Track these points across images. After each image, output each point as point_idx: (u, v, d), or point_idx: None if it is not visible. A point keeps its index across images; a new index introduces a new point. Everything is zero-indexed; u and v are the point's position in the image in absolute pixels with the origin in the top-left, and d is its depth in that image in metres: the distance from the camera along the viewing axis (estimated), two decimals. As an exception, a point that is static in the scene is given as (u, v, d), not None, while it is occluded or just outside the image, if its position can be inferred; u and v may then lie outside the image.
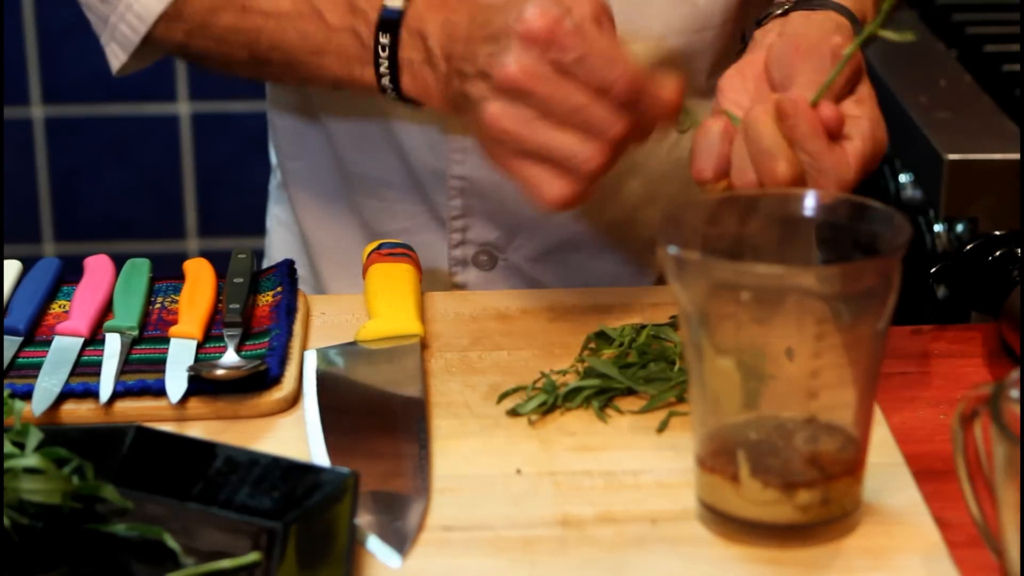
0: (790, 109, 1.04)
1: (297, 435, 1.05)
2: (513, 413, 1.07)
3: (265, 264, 1.46)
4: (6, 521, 0.91)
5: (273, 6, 1.20)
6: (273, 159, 1.48)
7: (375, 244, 1.26)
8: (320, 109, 1.36)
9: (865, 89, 1.10)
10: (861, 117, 1.07)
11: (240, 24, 1.21)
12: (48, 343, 1.14)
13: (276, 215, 1.49)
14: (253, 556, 0.91)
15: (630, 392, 1.09)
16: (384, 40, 1.14)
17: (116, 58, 1.28)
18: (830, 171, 1.04)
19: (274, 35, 1.20)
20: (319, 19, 1.18)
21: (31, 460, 0.92)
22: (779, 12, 1.15)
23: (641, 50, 1.26)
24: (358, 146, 1.35)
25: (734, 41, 1.32)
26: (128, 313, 1.16)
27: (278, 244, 1.48)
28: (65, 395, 1.07)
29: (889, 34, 1.04)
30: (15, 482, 0.92)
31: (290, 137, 1.40)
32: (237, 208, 2.71)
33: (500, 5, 1.08)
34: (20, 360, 1.12)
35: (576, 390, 1.08)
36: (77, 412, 1.06)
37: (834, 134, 1.05)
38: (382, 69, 1.14)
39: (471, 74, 1.07)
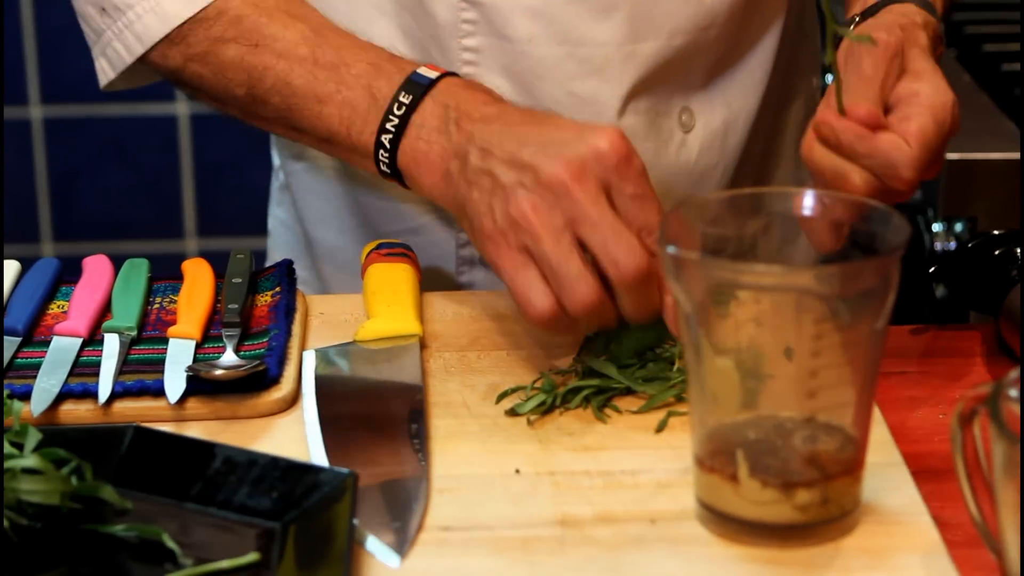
0: (825, 130, 1.04)
1: (296, 435, 1.05)
2: (512, 413, 1.07)
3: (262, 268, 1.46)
4: (4, 522, 0.91)
5: (289, 50, 1.19)
6: (275, 160, 1.48)
7: (374, 244, 1.26)
8: None
9: (919, 64, 1.10)
10: (918, 93, 1.07)
11: (247, 60, 1.20)
12: (47, 343, 1.14)
13: (278, 216, 1.49)
14: (252, 556, 0.91)
15: (629, 392, 1.08)
16: (404, 99, 1.13)
17: (104, 74, 1.26)
18: (893, 160, 1.04)
19: (281, 76, 1.19)
20: (335, 70, 1.17)
21: (29, 461, 0.92)
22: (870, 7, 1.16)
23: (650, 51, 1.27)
24: None
25: (735, 39, 1.32)
26: (127, 313, 1.16)
27: (280, 245, 1.48)
28: (64, 395, 1.07)
29: (847, 32, 1.05)
30: (14, 483, 0.92)
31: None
32: (236, 208, 2.71)
33: (564, 128, 1.08)
34: (19, 360, 1.12)
35: (575, 390, 1.08)
36: (76, 412, 1.06)
37: (875, 126, 1.05)
38: (388, 126, 1.13)
39: (502, 159, 1.06)
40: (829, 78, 1.13)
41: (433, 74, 1.15)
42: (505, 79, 1.27)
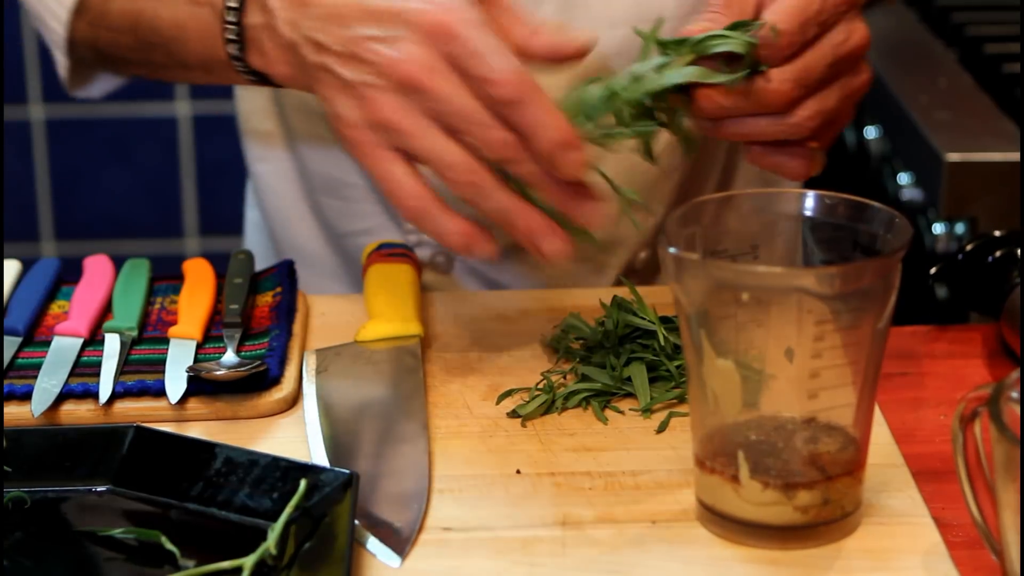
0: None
1: (297, 435, 1.05)
2: (513, 414, 1.07)
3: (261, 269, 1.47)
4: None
5: None
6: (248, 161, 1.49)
7: (375, 244, 1.26)
8: (287, 108, 1.35)
9: None
10: None
11: (125, 7, 1.20)
12: (47, 343, 1.14)
13: (250, 218, 1.50)
14: (253, 557, 0.90)
15: (629, 393, 1.08)
16: (231, 4, 1.10)
17: (62, 66, 1.28)
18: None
19: (151, 15, 1.18)
20: None
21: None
22: None
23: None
24: (320, 145, 1.35)
25: None
26: (127, 313, 1.16)
27: (252, 247, 1.48)
28: (64, 395, 1.07)
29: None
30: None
31: (257, 140, 1.41)
32: (236, 208, 2.70)
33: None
34: (19, 360, 1.12)
35: (576, 391, 1.08)
36: (76, 412, 1.06)
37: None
38: (228, 36, 1.10)
39: (339, 52, 1.02)
40: None
41: None
42: None
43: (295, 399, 1.09)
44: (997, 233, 1.21)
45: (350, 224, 1.35)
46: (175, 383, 1.07)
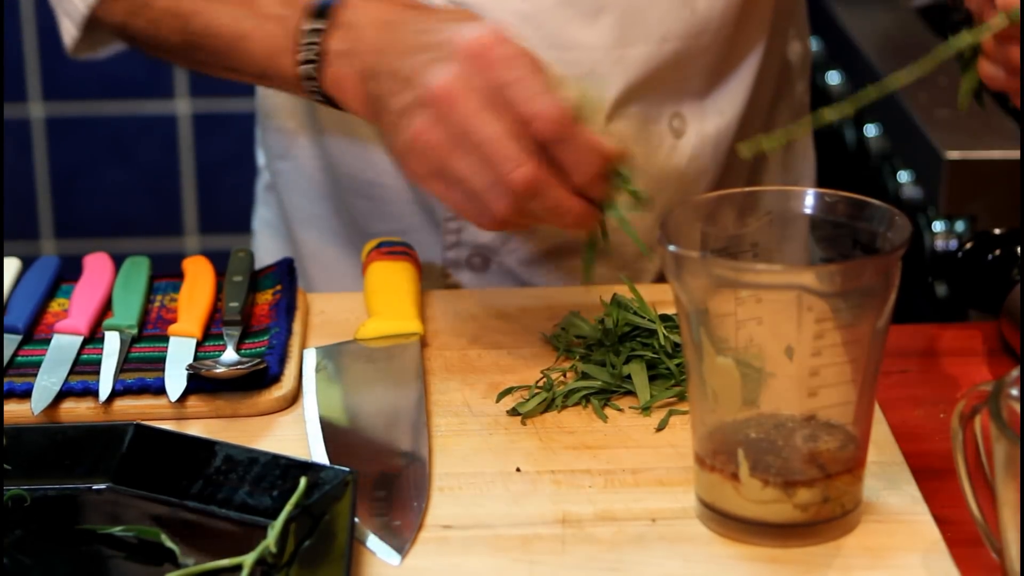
0: None
1: (296, 433, 1.05)
2: (513, 412, 1.07)
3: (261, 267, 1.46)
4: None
5: None
6: (261, 160, 1.48)
7: (375, 242, 1.25)
8: (317, 108, 1.35)
9: None
10: None
11: (176, 7, 1.20)
12: (47, 341, 1.14)
13: (263, 217, 1.49)
14: (253, 554, 0.90)
15: (629, 391, 1.08)
16: (312, 26, 1.12)
17: (68, 34, 1.28)
18: None
19: (208, 18, 1.19)
20: (251, 5, 1.16)
21: None
22: None
23: (641, 55, 1.26)
24: (350, 145, 1.34)
25: (729, 46, 1.32)
26: (127, 311, 1.16)
27: (265, 247, 1.47)
28: (64, 393, 1.07)
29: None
30: None
31: (279, 137, 1.40)
32: (236, 206, 2.71)
33: (445, 16, 1.06)
34: (19, 358, 1.12)
35: (575, 388, 1.08)
36: (76, 410, 1.06)
37: None
38: (302, 56, 1.12)
39: (399, 78, 1.05)
40: (832, 77, 1.12)
41: None
42: None
43: (295, 397, 1.09)
44: (997, 231, 1.21)
45: (380, 224, 1.35)
46: (175, 381, 1.07)
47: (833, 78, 1.90)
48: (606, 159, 1.04)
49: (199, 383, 1.07)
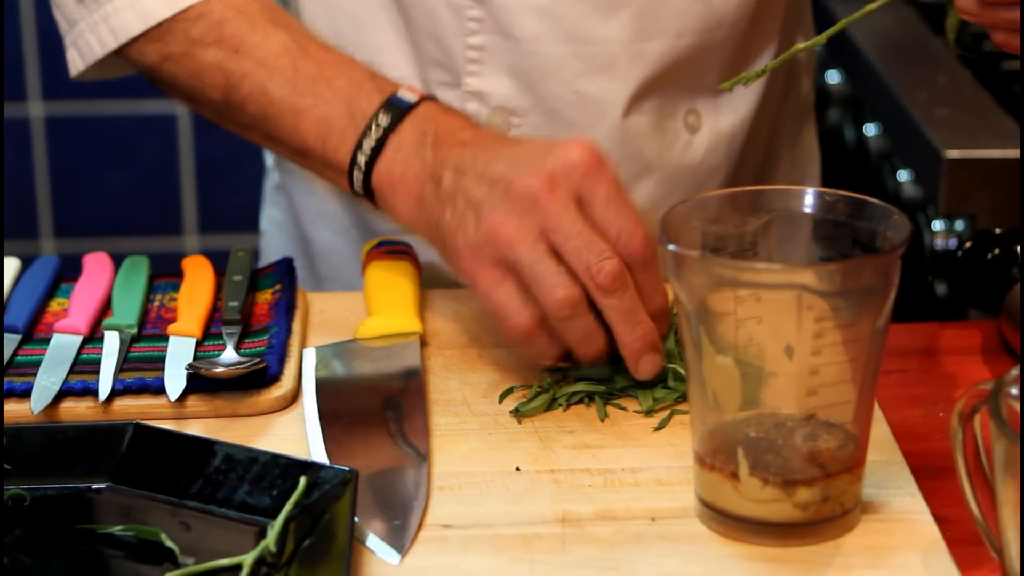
0: None
1: (296, 433, 1.05)
2: (514, 412, 1.07)
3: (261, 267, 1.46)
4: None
5: (269, 59, 1.17)
6: (268, 160, 1.48)
7: (374, 242, 1.25)
8: None
9: None
10: None
11: (225, 65, 1.18)
12: (47, 341, 1.14)
13: (272, 216, 1.49)
14: (252, 554, 0.90)
15: (629, 391, 1.08)
16: (383, 121, 1.13)
17: (74, 65, 1.24)
18: None
19: (259, 85, 1.17)
20: (315, 83, 1.16)
21: None
22: None
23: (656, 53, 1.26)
24: None
25: (744, 42, 1.32)
26: (127, 311, 1.16)
27: (274, 246, 1.47)
28: (64, 393, 1.07)
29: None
30: None
31: None
32: (236, 205, 2.71)
33: (536, 145, 1.08)
34: (19, 358, 1.12)
35: (577, 388, 1.08)
36: (76, 410, 1.06)
37: None
38: (366, 146, 1.13)
39: (474, 177, 1.06)
40: (832, 76, 1.12)
41: (413, 97, 1.14)
42: (510, 78, 1.27)
43: (294, 396, 1.09)
44: (996, 230, 1.21)
45: (390, 223, 1.35)
46: (174, 380, 1.07)
47: (833, 77, 1.90)
48: (667, 298, 1.06)
49: (199, 383, 1.07)
